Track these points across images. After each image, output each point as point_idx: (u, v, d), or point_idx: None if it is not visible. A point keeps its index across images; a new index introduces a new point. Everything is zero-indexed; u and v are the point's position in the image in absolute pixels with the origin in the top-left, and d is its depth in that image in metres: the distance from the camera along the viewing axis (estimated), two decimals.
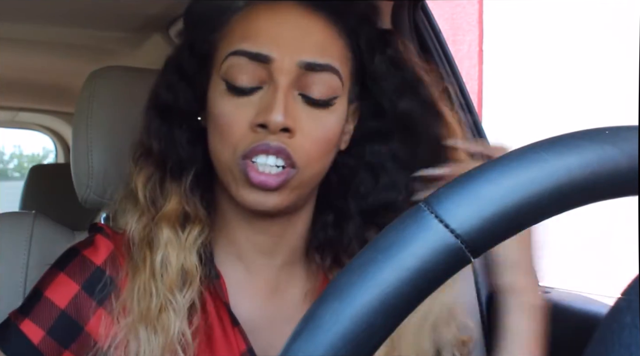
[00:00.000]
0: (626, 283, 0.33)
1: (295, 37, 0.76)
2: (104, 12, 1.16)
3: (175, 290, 0.76)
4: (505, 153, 0.35)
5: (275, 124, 0.72)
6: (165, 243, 0.78)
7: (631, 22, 3.44)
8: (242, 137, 0.74)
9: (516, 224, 0.34)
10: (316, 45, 0.76)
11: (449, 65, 1.22)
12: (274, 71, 0.74)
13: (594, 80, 3.85)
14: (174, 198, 0.79)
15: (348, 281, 0.34)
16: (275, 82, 0.74)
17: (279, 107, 0.73)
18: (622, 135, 0.35)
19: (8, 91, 2.22)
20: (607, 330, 0.31)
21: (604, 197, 0.35)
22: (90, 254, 0.80)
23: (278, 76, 0.74)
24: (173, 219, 0.78)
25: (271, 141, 0.73)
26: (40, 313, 0.78)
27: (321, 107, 0.76)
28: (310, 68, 0.75)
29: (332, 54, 0.77)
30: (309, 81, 0.75)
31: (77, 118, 1.01)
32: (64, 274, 0.80)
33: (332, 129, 0.77)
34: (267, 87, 0.75)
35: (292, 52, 0.75)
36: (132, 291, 0.77)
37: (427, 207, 0.34)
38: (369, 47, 0.81)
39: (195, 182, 0.81)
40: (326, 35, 0.77)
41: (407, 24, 1.17)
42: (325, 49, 0.77)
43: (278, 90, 0.74)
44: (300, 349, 0.33)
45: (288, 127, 0.73)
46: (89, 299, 0.78)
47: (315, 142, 0.76)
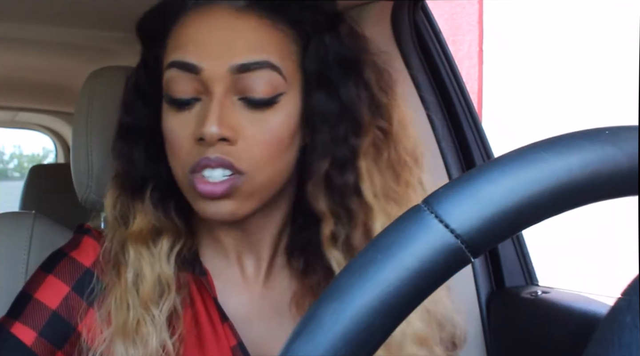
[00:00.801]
0: (626, 283, 0.33)
1: (224, 41, 0.74)
2: (104, 12, 1.16)
3: (151, 304, 0.76)
4: (505, 153, 0.36)
5: (211, 136, 0.71)
6: (137, 259, 0.78)
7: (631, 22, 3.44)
8: (188, 152, 0.74)
9: (516, 224, 0.34)
10: (248, 44, 0.74)
11: (449, 65, 1.22)
12: (206, 80, 0.73)
13: (594, 80, 3.85)
14: (139, 216, 0.79)
15: (348, 281, 0.34)
16: (210, 92, 0.73)
17: (212, 118, 0.71)
18: (622, 135, 0.35)
19: (8, 91, 2.22)
20: (607, 330, 0.31)
21: (604, 197, 0.35)
22: (78, 256, 0.81)
23: (211, 85, 0.73)
24: (143, 236, 0.79)
25: (211, 154, 0.72)
26: (30, 315, 0.78)
27: (265, 107, 0.74)
28: (244, 69, 0.73)
29: (268, 50, 0.74)
30: (246, 83, 0.73)
31: (77, 118, 1.01)
32: (52, 276, 0.80)
33: (280, 128, 0.75)
34: (204, 97, 0.74)
35: (220, 58, 0.73)
36: (109, 304, 0.77)
37: (427, 207, 0.34)
38: (317, 32, 0.77)
39: (159, 196, 0.80)
40: (260, 33, 0.75)
41: (407, 24, 1.17)
42: (260, 46, 0.74)
43: (212, 100, 0.72)
44: (300, 349, 0.33)
45: (225, 137, 0.72)
46: (79, 300, 0.78)
47: (260, 146, 0.74)
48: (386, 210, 0.76)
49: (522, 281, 1.18)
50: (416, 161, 0.81)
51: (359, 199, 0.77)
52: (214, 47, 0.73)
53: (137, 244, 0.78)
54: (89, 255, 0.81)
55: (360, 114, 0.77)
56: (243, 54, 0.73)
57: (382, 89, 0.80)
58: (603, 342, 0.31)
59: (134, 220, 0.80)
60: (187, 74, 0.73)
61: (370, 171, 0.77)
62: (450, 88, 1.21)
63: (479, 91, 4.48)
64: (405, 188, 0.79)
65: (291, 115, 0.76)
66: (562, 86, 4.00)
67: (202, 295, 0.81)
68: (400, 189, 0.79)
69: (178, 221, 0.81)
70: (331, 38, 0.77)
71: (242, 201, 0.75)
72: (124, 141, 0.82)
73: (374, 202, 0.77)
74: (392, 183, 0.78)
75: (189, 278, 0.81)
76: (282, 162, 0.76)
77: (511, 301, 1.11)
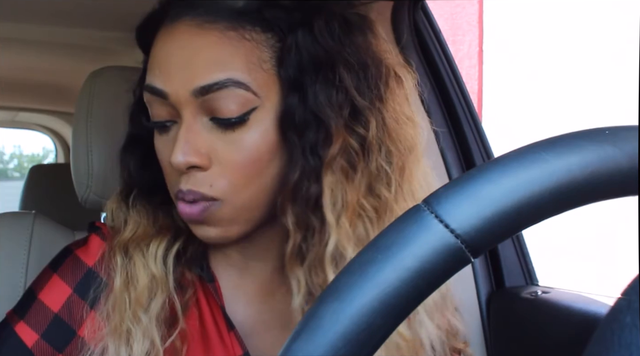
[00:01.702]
0: (626, 283, 0.33)
1: (183, 63, 0.69)
2: (104, 12, 1.16)
3: (140, 311, 0.74)
4: (505, 153, 0.36)
5: (177, 165, 0.69)
6: (132, 263, 0.77)
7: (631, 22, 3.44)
8: (171, 177, 0.74)
9: (516, 224, 0.34)
10: (207, 64, 0.69)
11: (449, 65, 1.22)
12: (174, 104, 0.70)
13: (594, 80, 3.85)
14: (130, 221, 0.79)
15: (348, 281, 0.34)
16: (180, 116, 0.71)
17: (179, 146, 0.69)
18: (622, 135, 0.35)
19: (8, 91, 2.22)
20: (607, 330, 0.31)
21: (604, 197, 0.35)
22: (82, 255, 0.80)
23: (180, 109, 0.70)
24: (137, 240, 0.78)
25: (183, 186, 0.71)
26: (34, 315, 0.78)
27: (236, 127, 0.69)
28: (205, 91, 0.68)
29: (232, 66, 0.69)
30: (212, 103, 0.69)
31: (77, 118, 1.01)
32: (56, 275, 0.79)
33: (255, 146, 0.70)
34: (178, 120, 0.72)
35: (182, 81, 0.69)
36: (106, 305, 0.77)
37: (427, 207, 0.34)
38: (291, 31, 0.70)
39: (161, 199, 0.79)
40: (221, 48, 0.69)
41: (407, 24, 1.17)
42: (221, 64, 0.69)
43: (182, 125, 0.70)
44: (300, 349, 0.33)
45: (194, 165, 0.69)
46: (81, 302, 0.78)
47: (236, 168, 0.70)
48: (347, 230, 0.69)
49: (522, 281, 1.18)
50: (402, 170, 0.73)
51: (318, 213, 0.70)
52: (175, 71, 0.69)
53: (131, 248, 0.78)
54: (93, 254, 0.80)
55: (330, 121, 0.69)
56: (203, 75, 0.68)
57: (363, 91, 0.71)
58: (603, 342, 0.31)
59: (126, 226, 0.79)
60: (157, 98, 0.72)
61: (336, 184, 0.70)
62: (450, 88, 1.21)
63: (479, 91, 4.48)
64: (384, 203, 0.71)
65: (267, 130, 0.70)
66: (562, 86, 4.00)
67: (208, 301, 0.80)
68: (377, 203, 0.71)
69: (180, 221, 0.79)
70: (304, 36, 0.70)
71: (226, 226, 0.72)
72: (128, 149, 0.82)
73: (332, 220, 0.69)
74: (366, 198, 0.71)
75: (197, 282, 0.80)
76: (262, 182, 0.71)
77: (511, 301, 1.11)
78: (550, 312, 1.03)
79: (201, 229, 0.74)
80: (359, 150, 0.71)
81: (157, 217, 0.80)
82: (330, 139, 0.70)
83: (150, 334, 0.74)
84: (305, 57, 0.70)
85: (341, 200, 0.70)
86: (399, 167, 0.72)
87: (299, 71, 0.70)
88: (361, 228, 0.70)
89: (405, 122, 0.74)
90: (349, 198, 0.70)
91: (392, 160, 0.72)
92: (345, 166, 0.70)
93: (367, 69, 0.72)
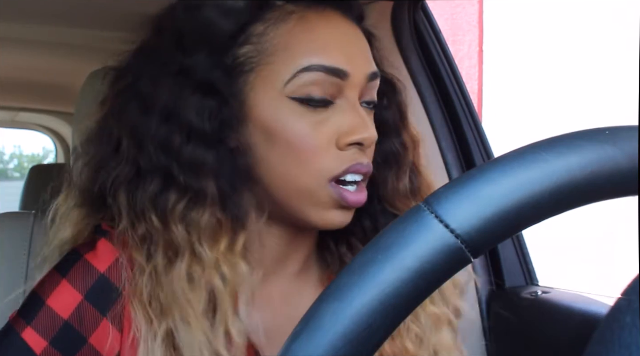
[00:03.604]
0: (626, 283, 0.33)
1: (359, 49, 0.76)
2: (104, 12, 1.16)
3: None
4: (505, 153, 0.36)
5: (372, 140, 0.73)
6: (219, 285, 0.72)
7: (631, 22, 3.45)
8: (329, 157, 0.72)
9: (516, 224, 0.34)
10: (369, 54, 0.77)
11: (449, 65, 1.22)
12: (347, 85, 0.73)
13: (594, 80, 3.85)
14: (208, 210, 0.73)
15: (348, 281, 0.34)
16: (349, 98, 0.74)
17: (370, 122, 0.74)
18: (622, 135, 0.35)
19: (8, 91, 2.22)
20: (607, 330, 0.31)
21: (604, 197, 0.35)
22: (92, 260, 0.76)
23: (351, 91, 0.74)
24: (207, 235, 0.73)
25: (364, 160, 0.74)
26: (42, 321, 0.75)
27: (371, 112, 0.77)
28: (374, 78, 0.76)
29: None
30: (371, 89, 0.76)
31: (77, 118, 1.01)
32: (66, 281, 0.76)
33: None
34: (340, 102, 0.74)
35: (362, 65, 0.75)
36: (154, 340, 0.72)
37: (427, 207, 0.34)
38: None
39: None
40: (367, 44, 0.78)
41: (407, 24, 1.17)
42: (372, 58, 0.78)
43: (356, 104, 0.74)
44: (300, 349, 0.33)
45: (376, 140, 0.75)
46: (92, 309, 0.75)
47: (372, 148, 0.77)
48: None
49: (522, 281, 1.18)
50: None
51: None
52: (356, 54, 0.75)
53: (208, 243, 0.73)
54: (105, 260, 0.76)
55: (409, 122, 0.84)
56: (372, 62, 0.76)
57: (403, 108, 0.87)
58: (603, 342, 0.31)
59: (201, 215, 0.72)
60: (331, 78, 0.72)
61: (425, 168, 0.85)
62: (450, 88, 1.21)
63: (479, 91, 4.48)
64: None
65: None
66: (562, 86, 4.00)
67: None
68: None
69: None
70: (376, 53, 0.81)
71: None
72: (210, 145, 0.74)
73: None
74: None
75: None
76: None
77: (511, 301, 1.11)
78: (550, 312, 1.03)
79: (346, 214, 0.75)
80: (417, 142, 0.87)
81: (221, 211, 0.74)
82: (411, 136, 0.84)
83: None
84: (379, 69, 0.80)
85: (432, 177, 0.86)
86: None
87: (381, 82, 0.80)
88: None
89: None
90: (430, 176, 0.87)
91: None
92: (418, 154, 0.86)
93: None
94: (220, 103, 0.73)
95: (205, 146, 0.73)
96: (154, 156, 0.73)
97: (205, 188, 0.72)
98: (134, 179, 0.75)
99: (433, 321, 0.80)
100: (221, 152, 0.73)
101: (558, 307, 1.03)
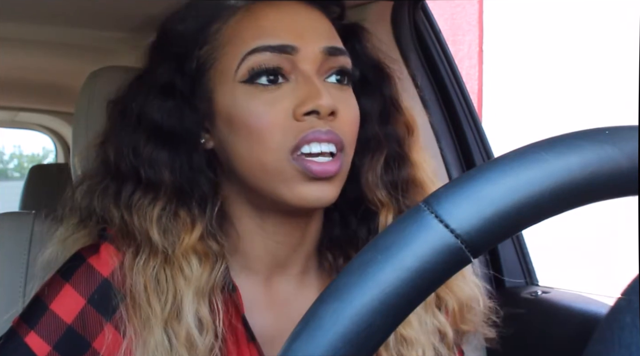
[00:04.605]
0: (626, 283, 0.33)
1: (312, 25, 0.77)
2: (104, 12, 1.16)
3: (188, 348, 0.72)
4: (505, 153, 0.35)
5: (327, 108, 0.72)
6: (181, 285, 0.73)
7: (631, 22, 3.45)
8: (285, 131, 0.72)
9: (516, 224, 0.34)
10: (330, 32, 0.78)
11: (449, 65, 1.22)
12: (299, 60, 0.74)
13: (594, 80, 3.85)
14: (189, 233, 0.75)
15: (348, 281, 0.34)
16: (303, 71, 0.74)
17: (323, 90, 0.72)
18: (622, 135, 0.35)
19: (8, 91, 2.22)
20: (607, 330, 0.31)
21: (604, 197, 0.35)
22: (96, 264, 0.77)
23: (305, 65, 0.74)
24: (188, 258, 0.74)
25: (322, 127, 0.72)
26: (46, 326, 0.75)
27: (345, 88, 0.77)
28: (332, 52, 0.76)
29: (339, 41, 0.79)
30: (332, 64, 0.76)
31: (77, 118, 1.01)
32: (69, 285, 0.76)
33: (356, 108, 0.77)
34: (294, 77, 0.74)
35: (314, 40, 0.75)
36: (143, 346, 0.73)
37: (427, 207, 0.34)
38: (345, 39, 0.81)
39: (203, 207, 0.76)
40: (330, 25, 0.79)
41: (407, 24, 1.17)
42: (335, 37, 0.78)
43: (311, 77, 0.74)
44: (300, 349, 0.33)
45: (335, 110, 0.73)
46: (96, 314, 0.75)
47: (351, 122, 0.76)
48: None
49: (522, 281, 1.18)
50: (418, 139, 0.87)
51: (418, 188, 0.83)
52: (306, 30, 0.76)
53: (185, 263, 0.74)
54: (108, 264, 0.76)
55: (402, 108, 0.84)
56: (330, 39, 0.77)
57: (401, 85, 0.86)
58: (603, 342, 0.31)
59: (181, 239, 0.75)
60: (279, 55, 0.74)
61: (420, 159, 0.84)
62: (450, 88, 1.21)
63: (479, 91, 4.48)
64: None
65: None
66: (562, 86, 4.00)
67: (228, 311, 0.77)
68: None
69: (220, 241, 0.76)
70: (359, 43, 0.83)
71: (340, 182, 0.75)
72: (173, 147, 0.77)
73: (431, 186, 0.82)
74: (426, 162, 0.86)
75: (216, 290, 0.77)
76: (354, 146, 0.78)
77: (511, 301, 1.11)
78: (550, 312, 1.03)
79: (320, 188, 0.73)
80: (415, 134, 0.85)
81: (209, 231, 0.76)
82: (405, 124, 0.84)
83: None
84: (363, 59, 0.82)
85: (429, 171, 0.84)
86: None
87: (363, 69, 0.82)
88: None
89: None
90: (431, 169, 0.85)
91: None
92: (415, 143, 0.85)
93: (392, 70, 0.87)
94: (182, 105, 0.77)
95: (163, 144, 0.77)
96: (127, 160, 0.77)
97: (160, 185, 0.76)
98: (118, 185, 0.78)
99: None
100: (186, 150, 0.77)
101: (558, 307, 1.03)
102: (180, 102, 0.77)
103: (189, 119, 0.77)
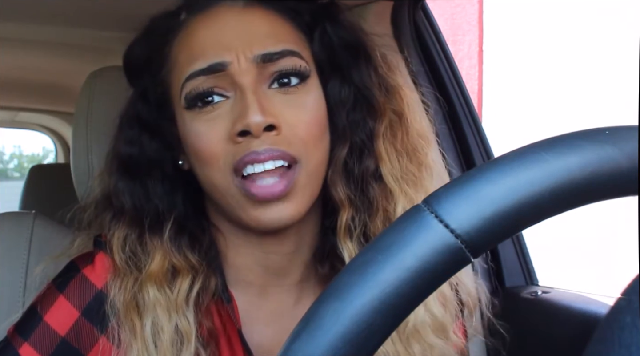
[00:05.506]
0: (626, 283, 0.33)
1: (240, 35, 0.72)
2: (104, 12, 1.16)
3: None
4: (505, 153, 0.35)
5: (257, 125, 0.67)
6: (153, 305, 0.73)
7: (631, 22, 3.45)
8: (225, 153, 0.70)
9: (516, 224, 0.34)
10: (263, 36, 0.73)
11: (449, 65, 1.22)
12: (233, 74, 0.71)
13: (594, 80, 3.85)
14: (157, 255, 0.75)
15: (348, 281, 0.34)
16: (240, 85, 0.70)
17: (253, 106, 0.68)
18: (622, 135, 0.35)
19: (8, 91, 2.22)
20: (607, 330, 0.31)
21: (604, 197, 0.35)
22: (90, 275, 0.77)
23: (240, 78, 0.70)
24: (160, 278, 0.74)
25: (258, 146, 0.68)
26: (40, 338, 0.75)
27: (297, 89, 0.72)
28: (267, 59, 0.71)
29: (284, 39, 0.73)
30: (272, 70, 0.72)
31: (77, 118, 1.01)
32: (63, 297, 0.76)
33: (315, 108, 0.73)
34: (233, 94, 0.71)
35: (241, 49, 0.71)
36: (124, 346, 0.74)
37: (427, 207, 0.34)
38: (315, 21, 0.77)
39: (175, 231, 0.76)
40: (271, 24, 0.74)
41: (407, 24, 1.17)
42: (275, 36, 0.73)
43: (246, 92, 0.70)
44: (300, 349, 0.33)
45: (271, 124, 0.68)
46: (90, 326, 0.75)
47: (305, 127, 0.71)
48: (407, 193, 0.75)
49: (522, 281, 1.18)
50: (428, 142, 0.81)
51: (379, 184, 0.76)
52: (233, 41, 0.72)
53: (153, 288, 0.74)
54: (102, 275, 0.77)
55: (375, 97, 0.77)
56: (261, 45, 0.72)
57: (390, 71, 0.80)
58: (603, 342, 0.31)
59: (151, 261, 0.75)
60: (213, 76, 0.71)
61: (390, 154, 0.76)
62: (450, 88, 1.21)
63: (479, 91, 4.48)
64: (421, 170, 0.78)
65: (320, 97, 0.74)
66: (562, 86, 4.00)
67: (224, 325, 0.77)
68: (417, 171, 0.78)
69: (193, 258, 0.76)
70: (332, 26, 0.77)
71: (301, 197, 0.71)
72: (133, 175, 0.78)
73: (394, 186, 0.75)
74: (409, 165, 0.77)
75: (212, 308, 0.77)
76: (324, 147, 0.74)
77: (511, 301, 1.11)
78: (550, 312, 1.03)
79: (274, 210, 0.69)
80: (399, 123, 0.78)
81: (175, 251, 0.76)
82: (377, 113, 0.77)
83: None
84: (336, 42, 0.77)
85: (397, 168, 0.76)
86: (426, 139, 0.81)
87: (332, 54, 0.76)
88: (414, 192, 0.75)
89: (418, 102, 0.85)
90: (401, 167, 0.77)
91: (420, 133, 0.80)
92: (392, 137, 0.77)
93: (387, 54, 0.81)
94: (143, 134, 0.78)
95: (125, 172, 0.78)
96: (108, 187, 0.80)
97: (123, 211, 0.78)
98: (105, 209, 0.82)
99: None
100: (151, 176, 0.78)
101: (558, 307, 1.03)
102: (142, 131, 0.78)
103: (150, 148, 0.78)
